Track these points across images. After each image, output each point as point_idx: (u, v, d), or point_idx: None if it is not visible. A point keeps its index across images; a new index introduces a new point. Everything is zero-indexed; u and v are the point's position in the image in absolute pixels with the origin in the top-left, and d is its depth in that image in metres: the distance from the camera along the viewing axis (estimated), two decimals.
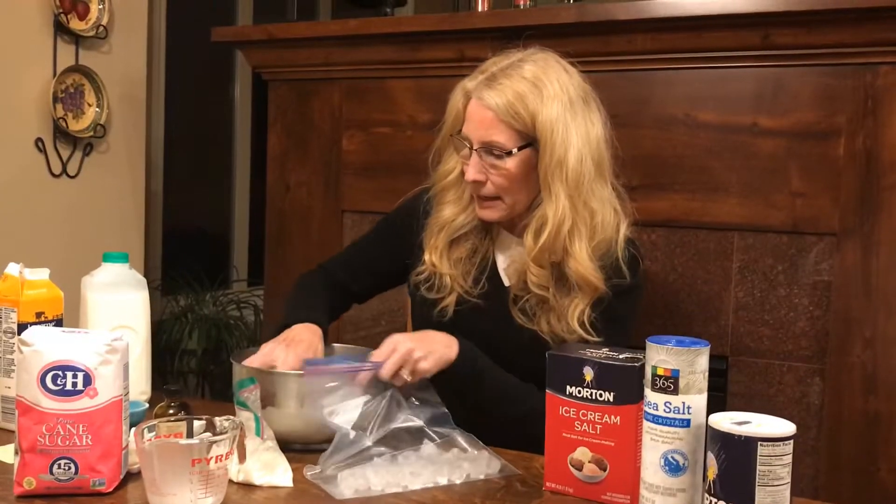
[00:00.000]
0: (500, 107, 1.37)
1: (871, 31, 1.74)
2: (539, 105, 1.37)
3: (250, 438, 1.18)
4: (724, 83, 1.89)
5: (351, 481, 1.12)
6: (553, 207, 1.38)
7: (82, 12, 2.71)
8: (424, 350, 1.31)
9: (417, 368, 1.30)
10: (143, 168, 3.01)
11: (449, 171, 1.51)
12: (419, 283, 1.51)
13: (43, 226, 2.66)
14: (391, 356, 1.28)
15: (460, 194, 1.50)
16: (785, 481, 0.93)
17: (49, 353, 1.06)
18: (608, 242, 1.43)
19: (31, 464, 1.05)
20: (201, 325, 3.20)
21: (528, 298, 1.44)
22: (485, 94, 1.39)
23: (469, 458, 1.21)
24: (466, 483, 1.16)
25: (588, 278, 1.39)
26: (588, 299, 1.40)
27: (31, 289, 1.31)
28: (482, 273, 1.49)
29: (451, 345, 1.35)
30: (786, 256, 1.86)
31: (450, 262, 1.49)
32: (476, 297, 1.47)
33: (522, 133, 1.39)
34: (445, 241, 1.49)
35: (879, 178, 1.77)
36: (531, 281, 1.41)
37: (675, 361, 1.00)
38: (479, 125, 1.40)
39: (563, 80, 1.40)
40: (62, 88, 2.68)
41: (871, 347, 1.79)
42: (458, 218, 1.49)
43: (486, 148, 1.40)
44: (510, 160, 1.39)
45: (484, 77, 1.41)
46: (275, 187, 2.46)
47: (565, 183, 1.38)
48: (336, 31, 2.32)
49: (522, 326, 1.43)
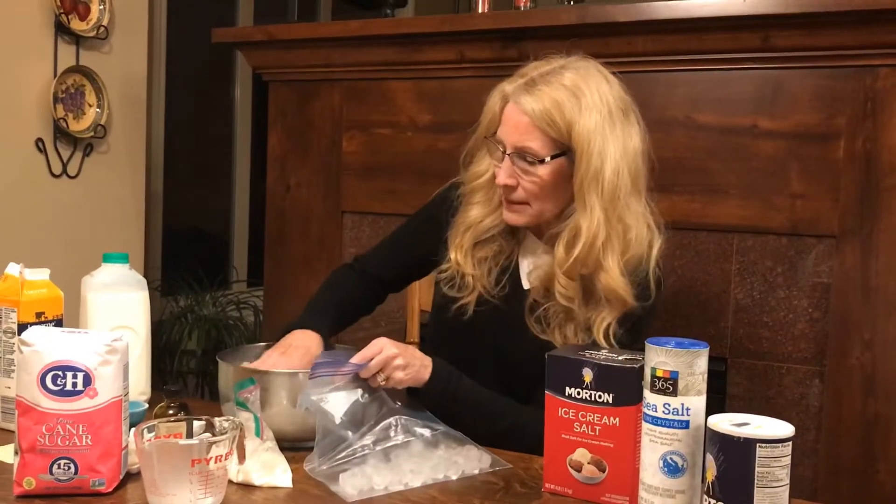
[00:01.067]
0: (537, 113, 1.35)
1: (870, 34, 1.74)
2: (577, 114, 1.35)
3: (250, 439, 1.18)
4: (724, 85, 1.90)
5: (354, 481, 1.12)
6: (588, 220, 1.36)
7: (83, 13, 2.71)
8: (405, 361, 1.31)
9: (394, 376, 1.30)
10: (143, 168, 3.01)
11: (481, 173, 1.49)
12: (441, 281, 1.51)
13: (43, 226, 2.66)
14: (376, 356, 1.29)
15: (490, 197, 1.48)
16: (784, 483, 0.93)
17: (49, 354, 1.06)
18: (639, 258, 1.41)
19: (31, 464, 1.05)
20: (201, 325, 3.20)
21: (548, 307, 1.42)
22: (522, 98, 1.37)
23: (460, 453, 1.22)
24: (465, 483, 1.16)
25: (619, 293, 1.37)
26: (616, 313, 1.38)
27: (32, 289, 1.31)
28: (504, 274, 1.48)
29: (427, 365, 1.35)
30: (785, 258, 1.86)
31: (473, 262, 1.48)
32: (496, 298, 1.46)
33: (557, 142, 1.37)
34: (471, 242, 1.48)
35: (879, 181, 1.77)
36: (559, 292, 1.39)
37: (675, 363, 1.00)
38: (514, 130, 1.38)
39: (603, 90, 1.38)
40: (63, 89, 2.68)
41: (871, 349, 1.79)
42: (485, 220, 1.48)
43: (519, 153, 1.38)
44: (542, 168, 1.38)
45: (523, 81, 1.39)
46: (275, 188, 2.46)
47: (601, 196, 1.35)
48: (336, 32, 2.33)
49: (535, 336, 1.41)
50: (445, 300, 1.49)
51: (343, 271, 1.66)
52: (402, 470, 1.16)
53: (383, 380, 1.30)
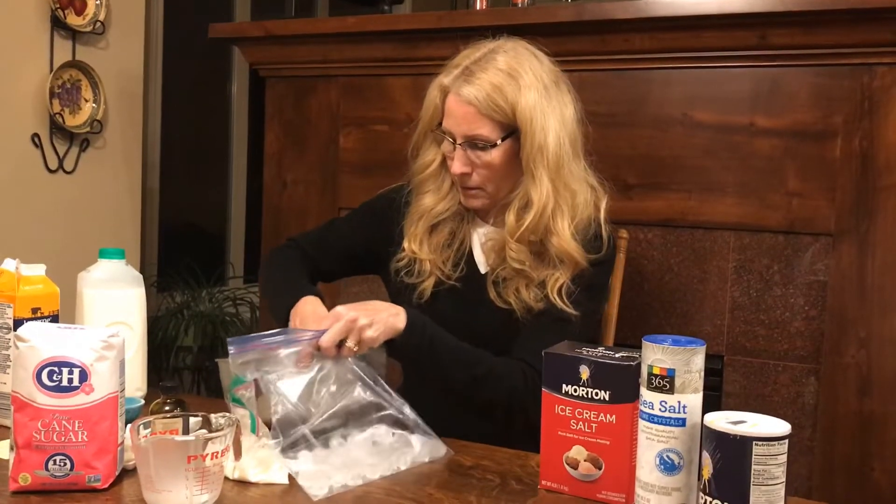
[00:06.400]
0: (481, 101, 1.41)
1: (868, 32, 1.74)
2: (517, 95, 1.41)
3: (246, 436, 1.18)
4: (721, 83, 1.90)
5: (316, 482, 1.10)
6: (537, 191, 1.43)
7: (79, 8, 2.71)
8: (369, 318, 1.27)
9: (364, 337, 1.26)
10: (139, 164, 3.01)
11: (428, 164, 1.54)
12: (399, 270, 1.54)
13: (39, 222, 2.66)
14: (333, 326, 1.25)
15: (439, 184, 1.54)
16: (780, 480, 0.93)
17: (45, 349, 1.06)
18: (588, 219, 1.48)
19: (27, 460, 1.05)
20: (197, 321, 3.20)
21: (502, 272, 1.47)
22: (463, 89, 1.42)
23: (414, 441, 1.23)
24: (462, 481, 1.16)
25: (571, 254, 1.44)
26: (569, 273, 1.44)
27: (28, 284, 1.31)
28: (461, 258, 1.53)
29: (397, 313, 1.32)
30: (782, 256, 1.86)
31: (429, 248, 1.52)
32: (452, 279, 1.51)
33: (504, 124, 1.43)
34: (425, 229, 1.53)
35: (875, 179, 1.77)
36: (510, 256, 1.45)
37: (671, 361, 1.01)
38: (461, 120, 1.43)
39: (535, 67, 1.45)
40: (59, 84, 2.68)
41: (866, 348, 1.79)
42: (437, 206, 1.54)
43: (469, 141, 1.44)
44: (495, 151, 1.44)
45: (459, 71, 1.45)
46: (271, 184, 2.46)
47: (547, 167, 1.42)
48: (334, 28, 2.32)
49: (497, 307, 1.46)
50: (405, 289, 1.52)
51: (286, 251, 1.65)
52: (361, 464, 1.15)
53: (354, 345, 1.26)
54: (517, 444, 1.29)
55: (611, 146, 1.94)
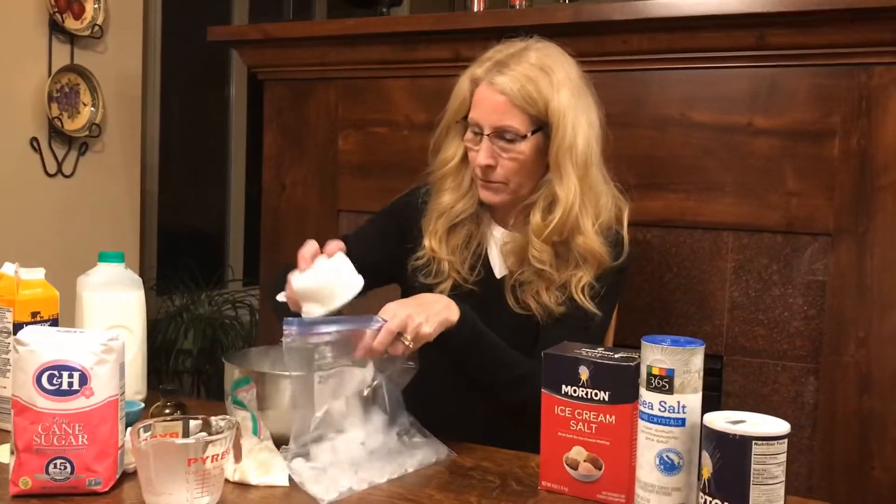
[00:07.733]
0: (514, 91, 1.40)
1: (865, 32, 1.74)
2: (550, 90, 1.41)
3: (247, 438, 1.18)
4: (719, 83, 1.90)
5: (323, 487, 1.10)
6: (564, 189, 1.42)
7: (77, 11, 2.71)
8: (424, 314, 1.25)
9: (420, 333, 1.23)
10: (138, 168, 3.01)
11: (449, 159, 1.52)
12: (417, 269, 1.52)
13: (38, 225, 2.66)
14: (388, 323, 1.22)
15: (459, 181, 1.52)
16: (779, 480, 0.93)
17: (45, 353, 1.06)
18: (609, 222, 1.48)
19: (27, 463, 1.05)
20: (197, 324, 3.19)
21: (522, 274, 1.46)
22: (497, 79, 1.41)
23: (419, 442, 1.24)
24: (462, 482, 1.16)
25: (596, 252, 1.43)
26: (592, 272, 1.44)
27: (27, 288, 1.31)
28: (477, 261, 1.51)
29: (450, 306, 1.31)
30: (780, 256, 1.86)
31: (448, 248, 1.51)
32: (470, 283, 1.49)
33: (534, 118, 1.42)
34: (445, 227, 1.51)
35: (874, 179, 1.78)
36: (532, 256, 1.44)
37: (671, 361, 1.01)
38: (492, 110, 1.42)
39: (567, 66, 1.45)
40: (57, 88, 2.68)
41: (865, 347, 1.79)
42: (457, 204, 1.52)
43: (498, 132, 1.42)
44: (523, 144, 1.42)
45: (492, 63, 1.44)
46: (270, 187, 2.46)
47: (575, 165, 1.42)
48: (332, 30, 2.32)
49: (514, 314, 1.45)
50: (419, 287, 1.50)
51: None
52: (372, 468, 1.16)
53: (409, 341, 1.23)
54: (528, 445, 1.26)
55: (610, 146, 1.94)
